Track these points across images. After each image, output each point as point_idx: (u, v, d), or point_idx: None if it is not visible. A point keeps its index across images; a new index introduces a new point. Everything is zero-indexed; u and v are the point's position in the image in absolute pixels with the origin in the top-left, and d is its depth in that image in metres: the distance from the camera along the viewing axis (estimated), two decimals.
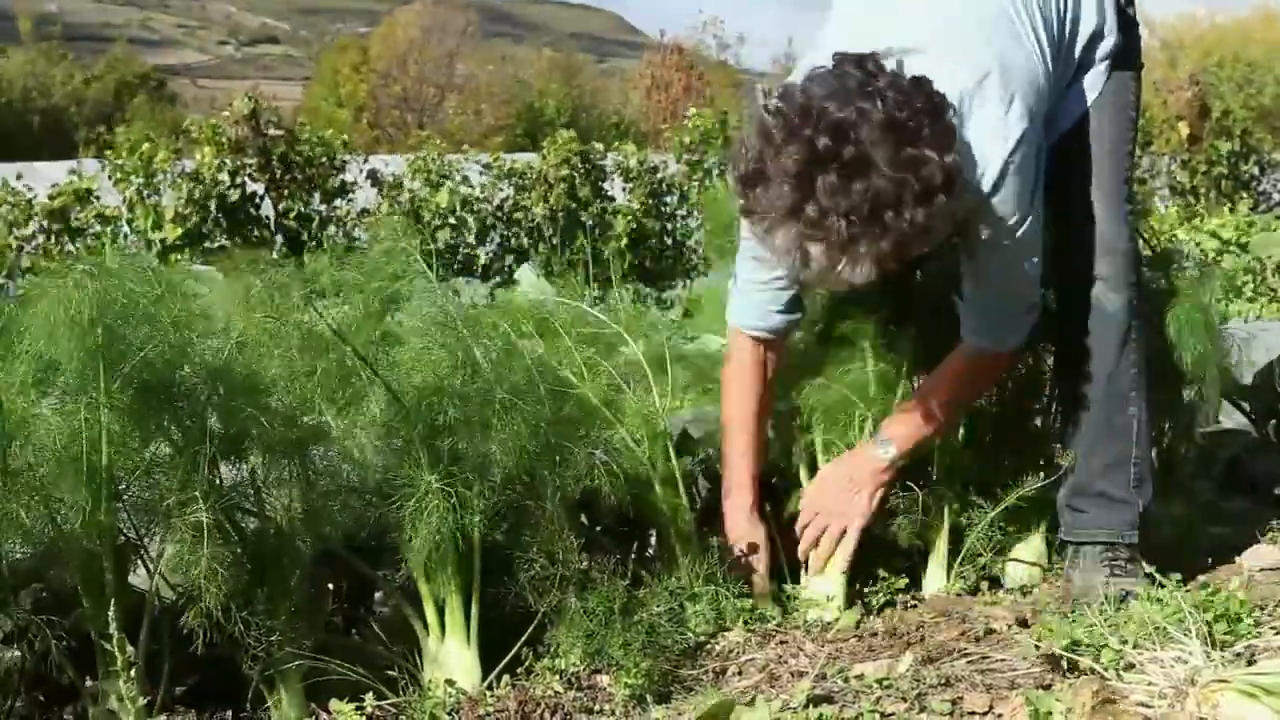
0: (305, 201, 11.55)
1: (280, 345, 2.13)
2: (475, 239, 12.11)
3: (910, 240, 1.98)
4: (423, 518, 2.06)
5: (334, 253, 2.38)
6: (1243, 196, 13.78)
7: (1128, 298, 2.39)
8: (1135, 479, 2.42)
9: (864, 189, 1.93)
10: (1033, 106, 2.21)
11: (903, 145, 1.94)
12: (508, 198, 12.23)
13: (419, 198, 11.88)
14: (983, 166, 2.15)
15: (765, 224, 2.01)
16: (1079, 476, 2.46)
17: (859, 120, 1.95)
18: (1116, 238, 2.40)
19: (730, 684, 2.19)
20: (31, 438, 1.92)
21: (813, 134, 1.95)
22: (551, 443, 2.24)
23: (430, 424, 2.12)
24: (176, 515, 1.95)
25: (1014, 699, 1.94)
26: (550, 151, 12.16)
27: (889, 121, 1.95)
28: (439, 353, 2.15)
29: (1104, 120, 2.44)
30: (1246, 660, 1.92)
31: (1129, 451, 2.42)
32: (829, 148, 1.94)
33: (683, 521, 2.48)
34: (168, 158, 11.10)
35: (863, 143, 1.94)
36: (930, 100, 2.01)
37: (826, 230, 1.95)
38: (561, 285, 2.72)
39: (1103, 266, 2.39)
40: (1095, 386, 2.41)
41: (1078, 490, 2.46)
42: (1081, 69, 2.42)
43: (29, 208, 11.03)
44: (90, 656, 2.01)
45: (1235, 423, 3.42)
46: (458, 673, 2.15)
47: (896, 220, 1.95)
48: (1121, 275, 2.39)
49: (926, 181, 1.95)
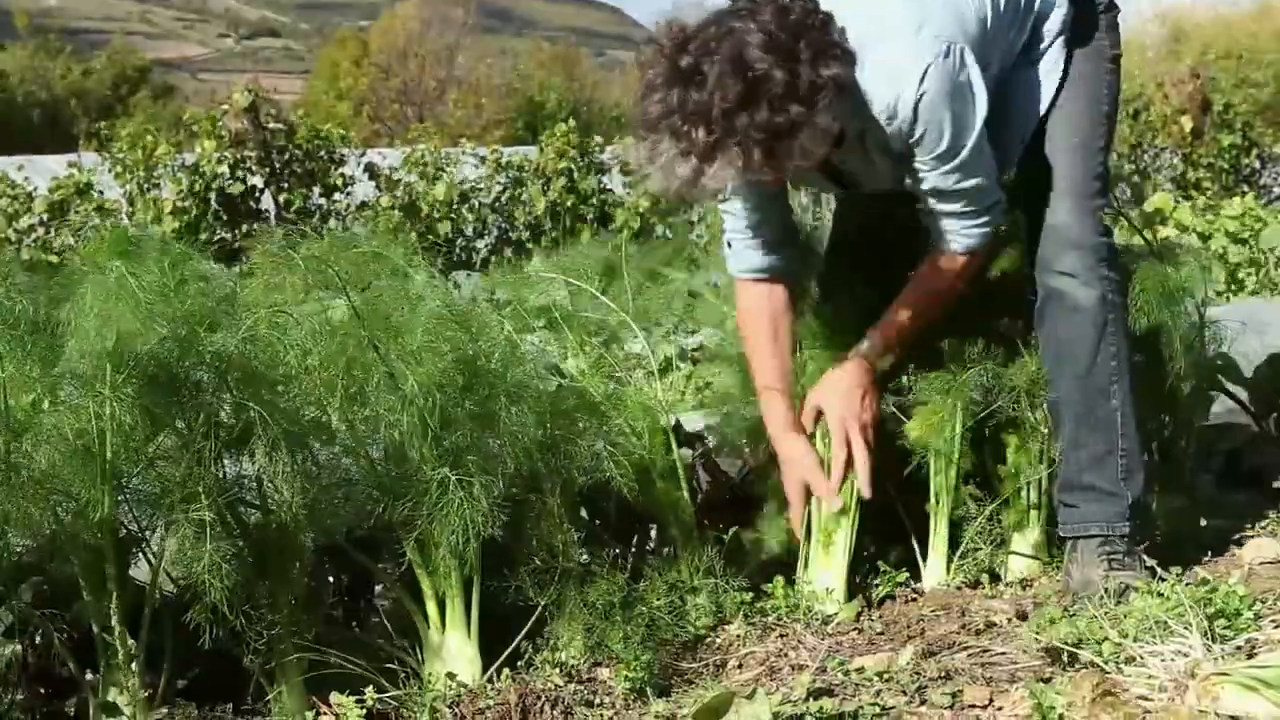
0: (305, 195, 11.55)
1: (289, 336, 2.13)
2: (473, 232, 12.10)
3: (776, 146, 2.04)
4: (440, 513, 2.06)
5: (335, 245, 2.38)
6: (1244, 190, 13.76)
7: (1100, 292, 2.40)
8: (1123, 471, 2.42)
9: (721, 95, 2.01)
10: (953, 34, 2.24)
11: (768, 53, 2.03)
12: (505, 190, 12.21)
13: (416, 191, 11.86)
14: (896, 90, 2.22)
15: (644, 144, 2.09)
16: (1067, 471, 2.47)
17: (725, 36, 2.04)
18: (1083, 233, 2.41)
19: (730, 677, 2.19)
20: (35, 430, 1.92)
21: (675, 50, 2.06)
22: (554, 435, 2.24)
23: (438, 417, 2.12)
24: (179, 509, 1.95)
25: (1014, 692, 1.94)
26: (548, 144, 12.14)
27: (759, 34, 2.04)
28: (443, 346, 2.15)
29: (1074, 111, 2.45)
30: (1246, 653, 1.92)
31: (1114, 443, 2.42)
32: (690, 63, 2.04)
33: (683, 514, 2.48)
34: (168, 151, 11.10)
35: (721, 56, 2.03)
36: (810, 17, 2.09)
37: (688, 138, 2.03)
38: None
39: (1070, 261, 2.40)
40: (1074, 381, 2.43)
41: (1067, 485, 2.47)
42: (1035, 41, 2.44)
43: (29, 200, 11.03)
44: (91, 649, 2.01)
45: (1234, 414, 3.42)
46: (458, 665, 2.15)
47: (751, 124, 2.02)
48: (1091, 270, 2.40)
49: (786, 88, 2.02)
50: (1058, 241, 2.41)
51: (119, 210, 11.18)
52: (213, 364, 2.00)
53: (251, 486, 2.09)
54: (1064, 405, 2.46)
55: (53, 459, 1.90)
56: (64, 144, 24.22)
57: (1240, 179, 14.60)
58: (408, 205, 11.69)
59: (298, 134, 11.64)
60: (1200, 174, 14.50)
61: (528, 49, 50.59)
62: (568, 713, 2.04)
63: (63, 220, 10.83)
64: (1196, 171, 14.51)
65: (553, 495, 2.24)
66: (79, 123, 34.47)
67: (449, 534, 2.07)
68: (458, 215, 11.93)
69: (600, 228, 11.80)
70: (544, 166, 12.04)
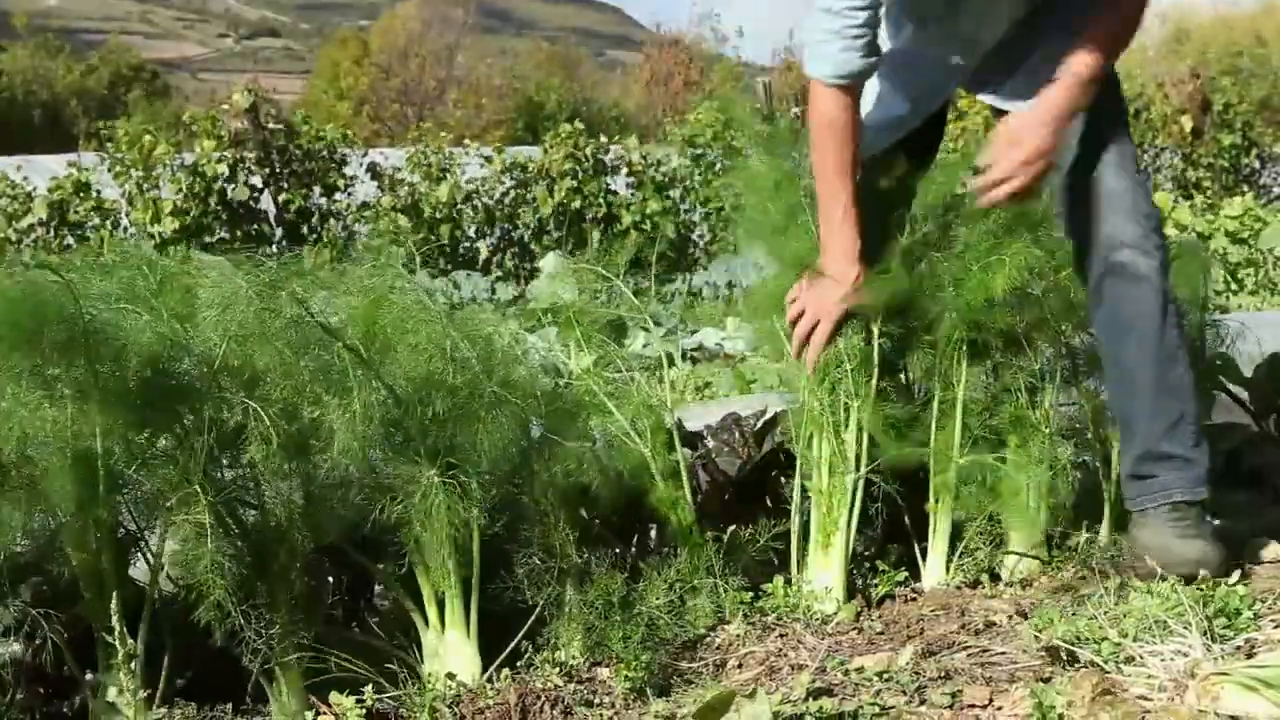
0: (305, 195, 11.53)
1: (278, 339, 2.12)
2: (476, 233, 12.08)
3: None
4: (430, 513, 2.06)
5: (334, 247, 2.38)
6: (1244, 190, 13.77)
7: (1160, 260, 2.39)
8: (1195, 437, 2.42)
9: None
10: None
11: None
12: (508, 191, 12.19)
13: (419, 191, 11.85)
14: None
15: None
16: (1145, 442, 2.43)
17: None
18: (1138, 201, 2.41)
19: (730, 677, 2.19)
20: (23, 429, 1.92)
21: None
22: (553, 434, 2.24)
23: (423, 417, 2.12)
24: (176, 509, 1.95)
25: (1014, 692, 1.94)
26: (554, 145, 12.11)
27: None
28: (427, 347, 2.15)
29: (1106, 89, 2.44)
30: (1246, 653, 1.92)
31: (1187, 409, 2.42)
32: None
33: (683, 514, 2.48)
34: (168, 151, 11.09)
35: None
36: None
37: None
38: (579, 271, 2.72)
39: (1132, 231, 2.39)
40: (1145, 349, 2.40)
41: (1145, 456, 2.43)
42: None
43: (28, 200, 11.03)
44: (90, 649, 2.01)
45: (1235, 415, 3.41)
46: (458, 666, 2.15)
47: None
48: (1151, 239, 2.39)
49: None
50: (1119, 213, 2.39)
51: (118, 210, 11.17)
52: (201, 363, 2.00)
53: (248, 486, 2.09)
54: (1136, 375, 2.43)
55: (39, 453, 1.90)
56: (64, 144, 24.22)
57: (1240, 179, 14.61)
58: (410, 206, 11.67)
59: (300, 135, 11.62)
60: (1200, 174, 14.50)
61: (527, 49, 50.59)
62: (567, 712, 2.04)
63: (62, 220, 10.83)
64: (1196, 171, 14.51)
65: (545, 495, 2.24)
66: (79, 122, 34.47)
67: (435, 535, 2.07)
68: (460, 216, 11.91)
69: (606, 229, 11.79)
70: (549, 167, 12.02)
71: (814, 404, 2.54)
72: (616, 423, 2.46)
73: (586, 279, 2.69)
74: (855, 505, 2.50)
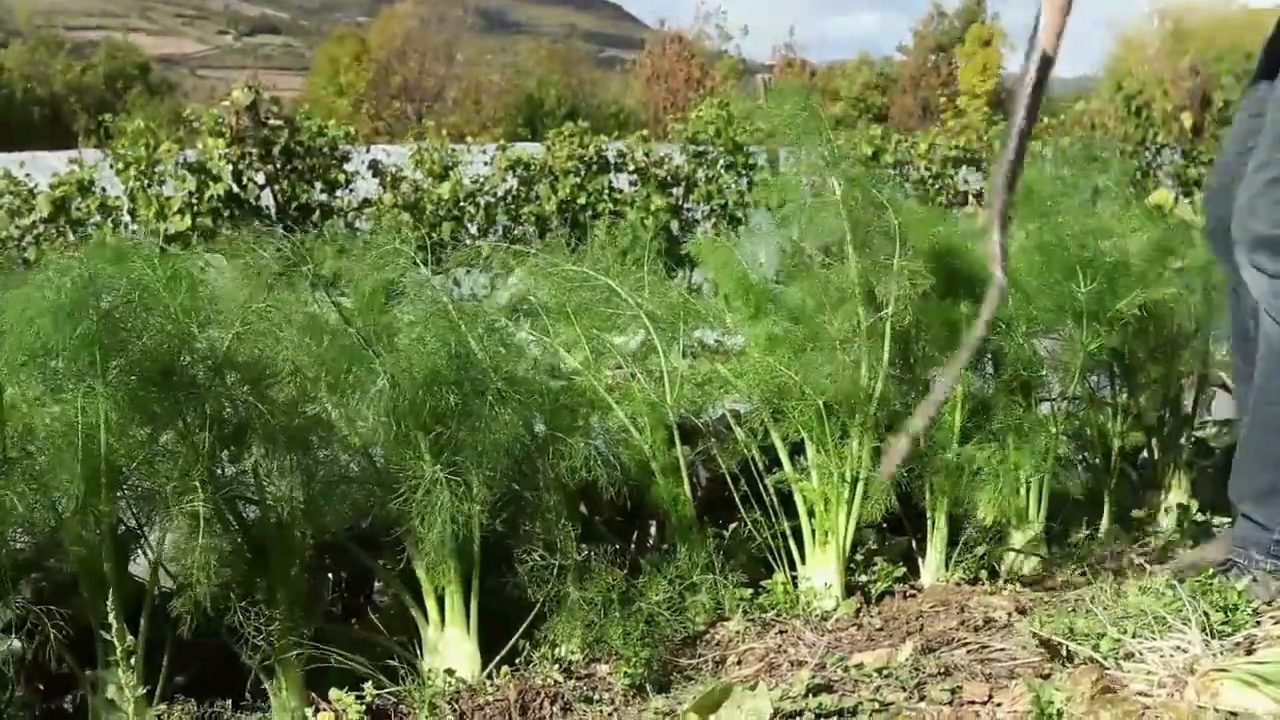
0: (307, 192, 11.53)
1: (284, 333, 2.12)
2: (479, 231, 12.06)
3: None
4: (431, 510, 2.06)
5: (336, 242, 2.38)
6: None
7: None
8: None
9: None
10: None
11: None
12: (511, 188, 12.18)
13: (421, 188, 11.84)
14: None
15: None
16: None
17: None
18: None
19: (730, 673, 2.19)
20: (28, 424, 1.92)
21: None
22: (554, 430, 2.24)
23: (428, 412, 2.12)
24: (176, 504, 1.95)
25: (1013, 688, 1.94)
26: (557, 142, 12.10)
27: None
28: (433, 343, 2.14)
29: None
30: (1245, 649, 1.92)
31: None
32: None
33: (683, 511, 2.48)
34: (170, 148, 11.08)
35: None
36: None
37: None
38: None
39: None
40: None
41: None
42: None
43: (31, 197, 11.02)
44: (90, 646, 2.01)
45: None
46: (457, 662, 2.15)
47: None
48: None
49: None
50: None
51: (121, 208, 11.16)
52: (205, 358, 1.99)
53: (249, 482, 2.09)
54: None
55: (41, 449, 1.90)
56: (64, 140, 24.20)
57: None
58: (412, 203, 11.66)
59: (301, 131, 11.61)
60: (1201, 171, 14.48)
61: (527, 47, 50.53)
62: (567, 708, 2.04)
63: (65, 217, 10.81)
64: (1197, 168, 14.49)
65: (551, 491, 2.24)
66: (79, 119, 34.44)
67: (435, 531, 2.07)
68: (462, 213, 11.89)
69: (610, 226, 11.77)
70: (552, 165, 12.01)
71: (814, 403, 2.54)
72: (617, 419, 2.46)
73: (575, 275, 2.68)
74: (854, 502, 2.50)
